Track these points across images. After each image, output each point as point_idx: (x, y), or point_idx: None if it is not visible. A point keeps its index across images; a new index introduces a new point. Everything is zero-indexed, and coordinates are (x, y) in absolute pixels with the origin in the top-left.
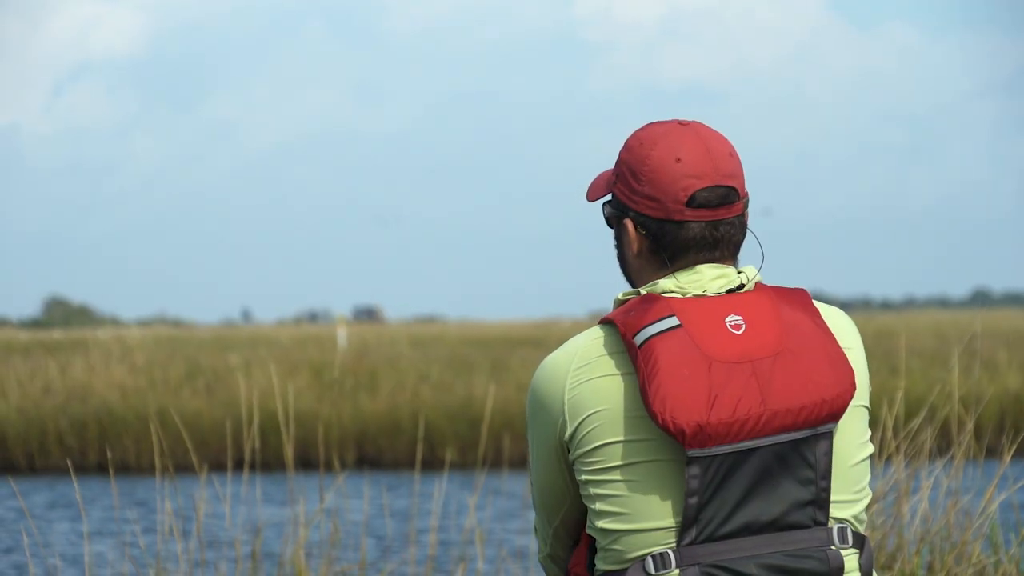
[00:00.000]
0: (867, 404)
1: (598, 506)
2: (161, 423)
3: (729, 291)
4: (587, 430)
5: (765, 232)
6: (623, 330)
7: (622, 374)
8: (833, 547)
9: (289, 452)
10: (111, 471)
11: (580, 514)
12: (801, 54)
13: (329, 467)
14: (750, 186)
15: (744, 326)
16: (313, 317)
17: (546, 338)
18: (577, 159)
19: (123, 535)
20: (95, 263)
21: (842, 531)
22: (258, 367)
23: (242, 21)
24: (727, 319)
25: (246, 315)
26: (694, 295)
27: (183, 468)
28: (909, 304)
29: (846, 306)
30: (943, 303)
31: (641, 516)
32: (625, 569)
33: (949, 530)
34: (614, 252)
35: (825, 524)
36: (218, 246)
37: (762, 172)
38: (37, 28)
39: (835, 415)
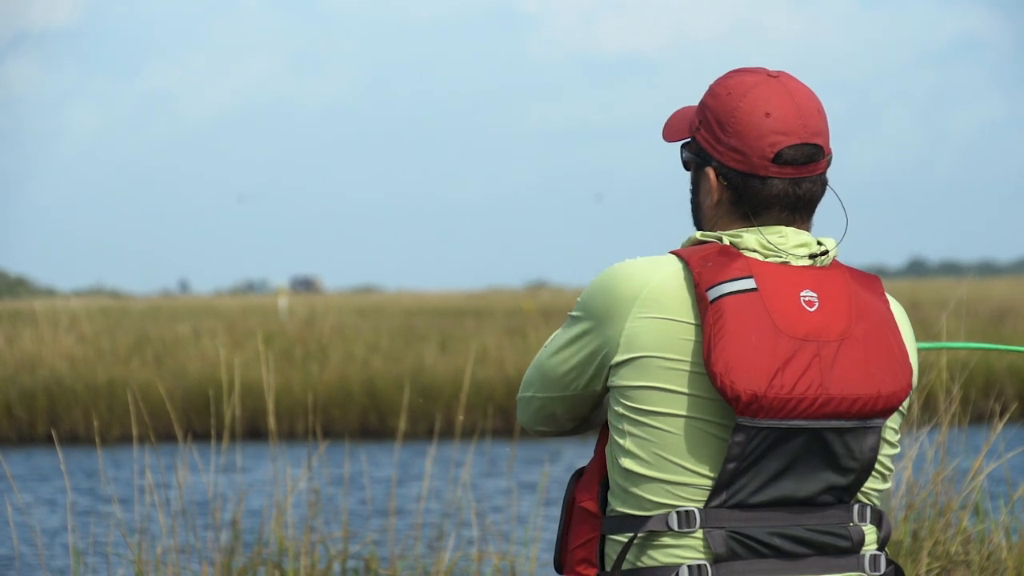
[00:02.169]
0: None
1: (628, 444)
2: (111, 394)
3: (811, 256)
4: (640, 368)
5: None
6: (697, 279)
7: (690, 323)
8: (853, 523)
9: (271, 422)
10: (98, 441)
11: (568, 413)
12: (739, 25)
13: (286, 437)
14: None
15: (817, 304)
16: (250, 287)
17: (489, 309)
18: (514, 129)
19: (77, 505)
20: (32, 234)
21: (862, 508)
22: (208, 337)
23: None
24: (802, 293)
25: (183, 285)
26: (776, 261)
27: (125, 439)
28: None
29: None
30: (879, 273)
31: (672, 468)
32: (645, 517)
33: (936, 497)
34: (687, 196)
35: (848, 502)
36: (155, 216)
37: None
38: None
39: (887, 412)
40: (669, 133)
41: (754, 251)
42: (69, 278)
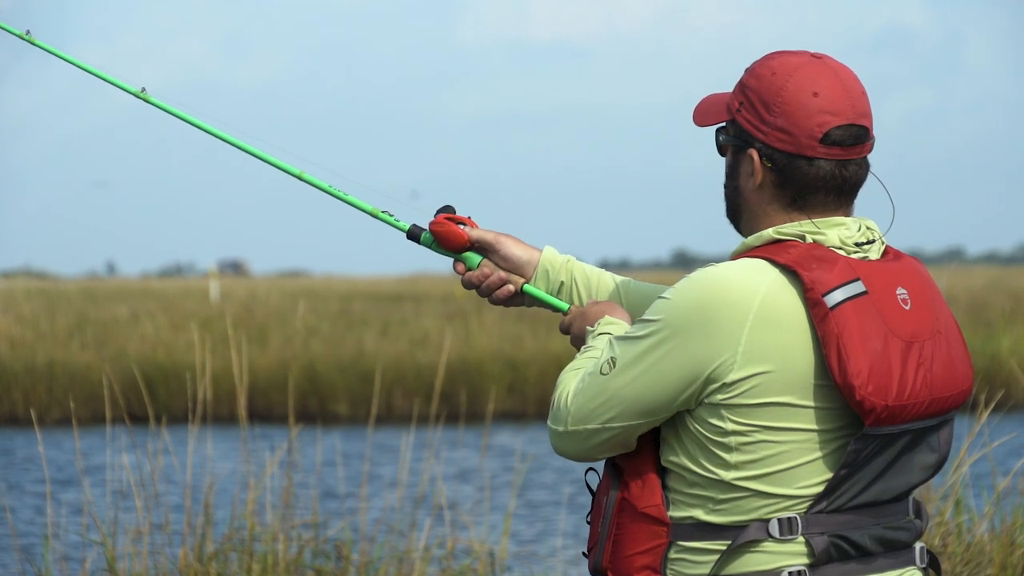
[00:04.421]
0: None
1: (734, 458)
2: (51, 376)
3: (867, 243)
4: (760, 383)
5: (621, 188)
6: (810, 285)
7: (807, 333)
8: (909, 518)
9: (242, 407)
10: (75, 423)
11: (631, 439)
12: (669, 14)
13: (228, 420)
14: (613, 144)
15: (910, 302)
16: (178, 270)
17: (424, 294)
18: (441, 114)
19: (28, 488)
20: None
21: (914, 502)
22: (146, 319)
23: None
24: (897, 292)
25: (111, 267)
26: (858, 257)
27: (65, 421)
28: None
29: (712, 263)
30: None
31: (784, 481)
32: (736, 527)
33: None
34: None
35: (908, 498)
36: (82, 198)
37: (628, 130)
38: None
39: (961, 404)
40: (702, 117)
41: (839, 248)
42: None
